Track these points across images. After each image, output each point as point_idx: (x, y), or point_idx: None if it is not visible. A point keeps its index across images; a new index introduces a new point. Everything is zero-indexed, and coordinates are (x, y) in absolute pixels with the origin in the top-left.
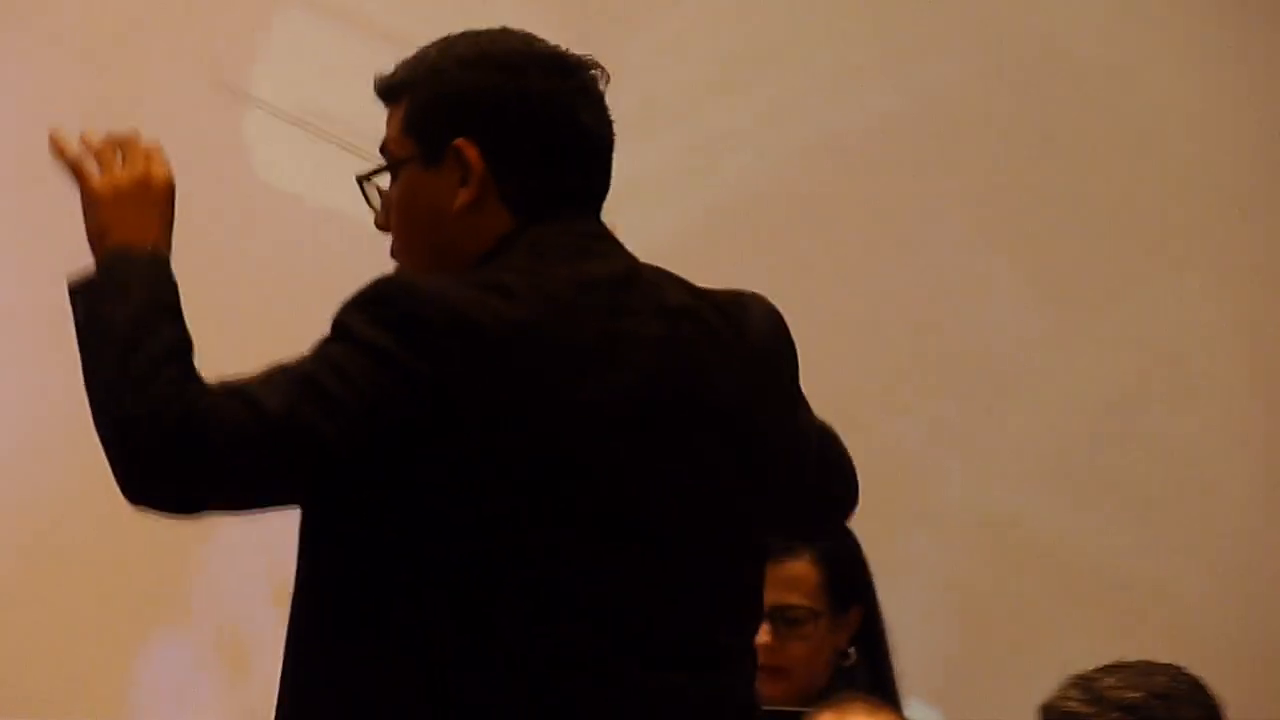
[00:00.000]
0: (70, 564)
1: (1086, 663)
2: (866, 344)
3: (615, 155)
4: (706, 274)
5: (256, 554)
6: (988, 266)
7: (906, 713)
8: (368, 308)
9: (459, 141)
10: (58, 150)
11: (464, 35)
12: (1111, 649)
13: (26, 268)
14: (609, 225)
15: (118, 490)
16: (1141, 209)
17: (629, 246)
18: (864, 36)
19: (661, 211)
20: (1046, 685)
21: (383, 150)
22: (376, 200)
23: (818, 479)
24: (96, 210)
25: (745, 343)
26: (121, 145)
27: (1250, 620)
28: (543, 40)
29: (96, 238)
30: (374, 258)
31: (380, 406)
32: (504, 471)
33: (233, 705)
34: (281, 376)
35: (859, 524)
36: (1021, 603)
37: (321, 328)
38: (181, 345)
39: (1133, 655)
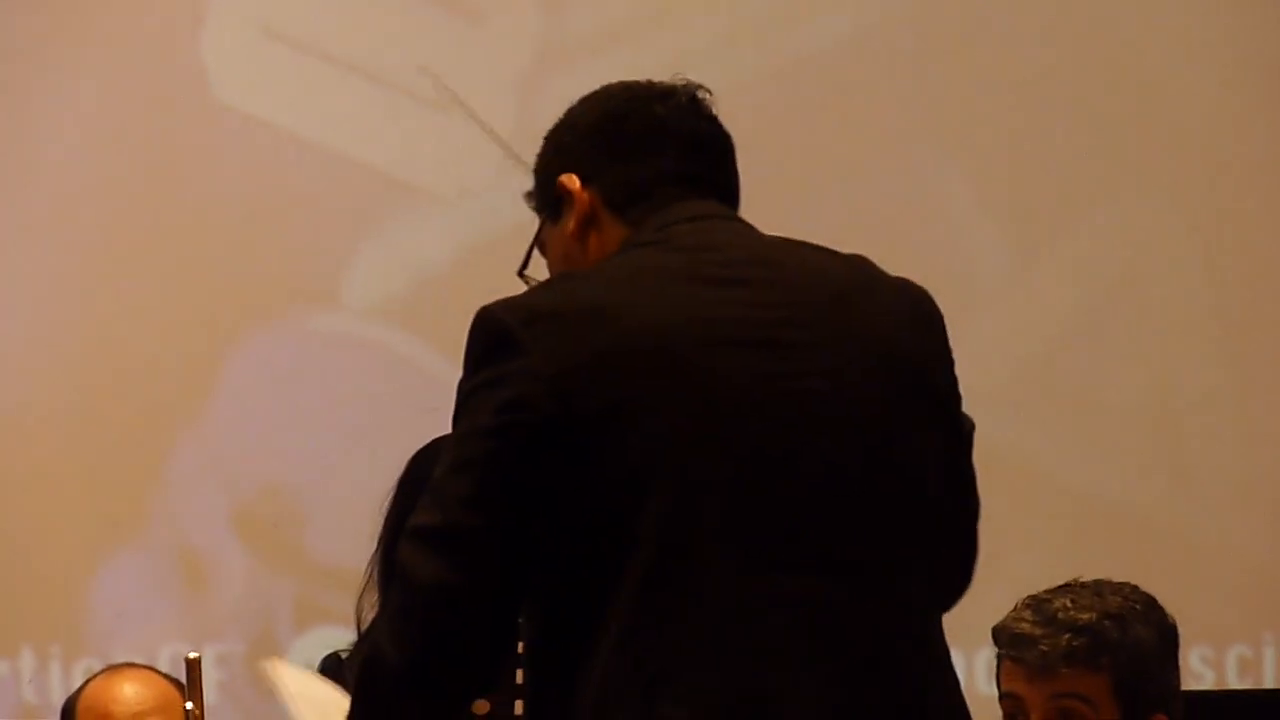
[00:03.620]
0: (28, 486)
1: (1041, 583)
2: None
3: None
4: None
5: (214, 475)
6: (947, 188)
7: None
8: (467, 358)
9: (560, 177)
10: None
11: None
12: (1065, 568)
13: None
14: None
15: (77, 411)
16: (1102, 134)
17: None
18: None
19: None
20: (1001, 606)
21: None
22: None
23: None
24: None
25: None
26: None
27: (1216, 533)
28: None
29: None
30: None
31: (509, 450)
32: (629, 451)
33: (190, 625)
34: (415, 541)
35: None
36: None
37: None
38: None
39: (1091, 573)
